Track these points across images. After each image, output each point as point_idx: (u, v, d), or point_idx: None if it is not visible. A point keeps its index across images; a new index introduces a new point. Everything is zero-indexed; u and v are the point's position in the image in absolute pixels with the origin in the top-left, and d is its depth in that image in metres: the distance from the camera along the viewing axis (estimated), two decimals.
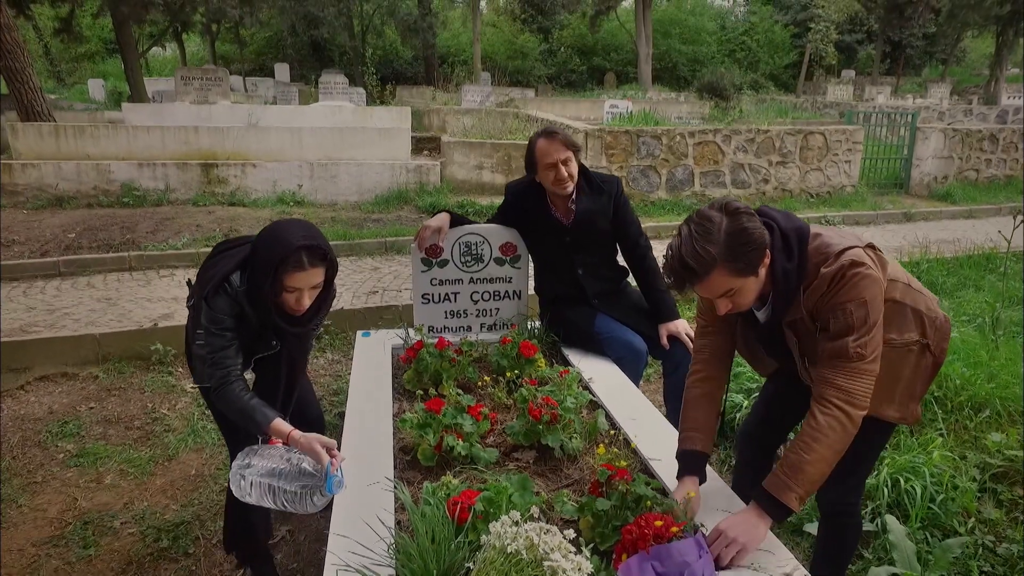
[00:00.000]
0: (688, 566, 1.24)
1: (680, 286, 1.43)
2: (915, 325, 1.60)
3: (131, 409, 3.19)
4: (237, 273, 1.77)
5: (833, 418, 1.42)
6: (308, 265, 1.70)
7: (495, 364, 2.48)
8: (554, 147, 2.49)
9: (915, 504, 2.14)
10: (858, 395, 1.43)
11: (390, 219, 7.36)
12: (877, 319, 1.43)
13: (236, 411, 1.73)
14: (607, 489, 1.52)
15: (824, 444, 1.41)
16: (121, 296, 4.76)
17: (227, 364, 1.75)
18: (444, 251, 2.80)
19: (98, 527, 2.38)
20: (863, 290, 1.41)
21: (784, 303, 1.50)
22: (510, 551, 1.18)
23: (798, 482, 1.42)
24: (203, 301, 1.75)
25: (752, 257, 1.39)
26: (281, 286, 1.71)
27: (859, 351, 1.42)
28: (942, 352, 1.65)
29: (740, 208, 1.40)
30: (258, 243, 1.76)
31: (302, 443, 1.64)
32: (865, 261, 1.43)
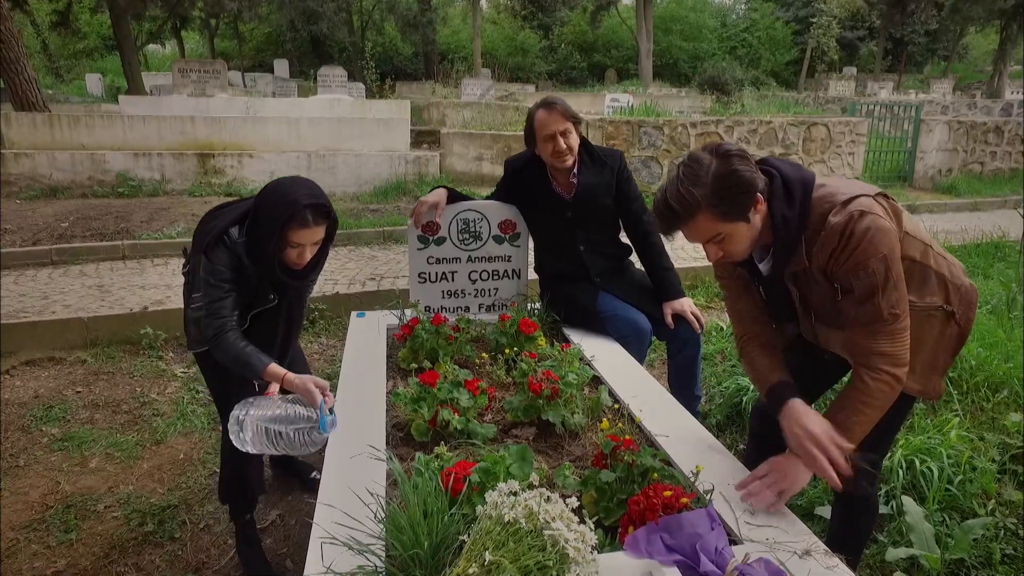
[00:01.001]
0: (700, 537, 1.15)
1: (666, 229, 1.40)
2: (938, 290, 1.50)
3: (119, 393, 3.10)
4: (236, 227, 1.82)
5: (884, 383, 1.38)
6: (312, 223, 1.77)
7: (493, 342, 2.39)
8: (553, 118, 2.39)
9: (932, 486, 2.04)
10: (901, 355, 1.39)
11: (388, 210, 7.27)
12: (898, 271, 1.35)
13: (232, 358, 1.77)
14: (611, 461, 1.43)
15: (875, 407, 1.40)
16: (114, 283, 4.67)
17: (224, 314, 1.79)
18: (441, 228, 2.71)
19: (81, 511, 2.29)
20: (880, 245, 1.32)
21: (785, 253, 1.42)
22: (507, 520, 1.08)
23: (846, 440, 1.39)
24: (202, 254, 1.79)
25: (739, 201, 1.33)
26: (286, 242, 1.78)
27: (893, 311, 1.35)
28: (968, 322, 1.55)
29: (732, 151, 1.34)
30: (263, 200, 1.80)
31: (297, 384, 1.71)
32: (875, 210, 1.34)
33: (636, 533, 1.18)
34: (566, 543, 1.04)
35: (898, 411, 1.62)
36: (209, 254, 1.78)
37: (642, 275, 2.70)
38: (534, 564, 1.03)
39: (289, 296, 1.98)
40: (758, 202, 1.36)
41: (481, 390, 1.87)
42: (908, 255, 1.45)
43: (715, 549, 1.15)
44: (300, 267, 1.86)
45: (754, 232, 1.40)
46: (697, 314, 2.54)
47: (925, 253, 1.48)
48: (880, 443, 1.65)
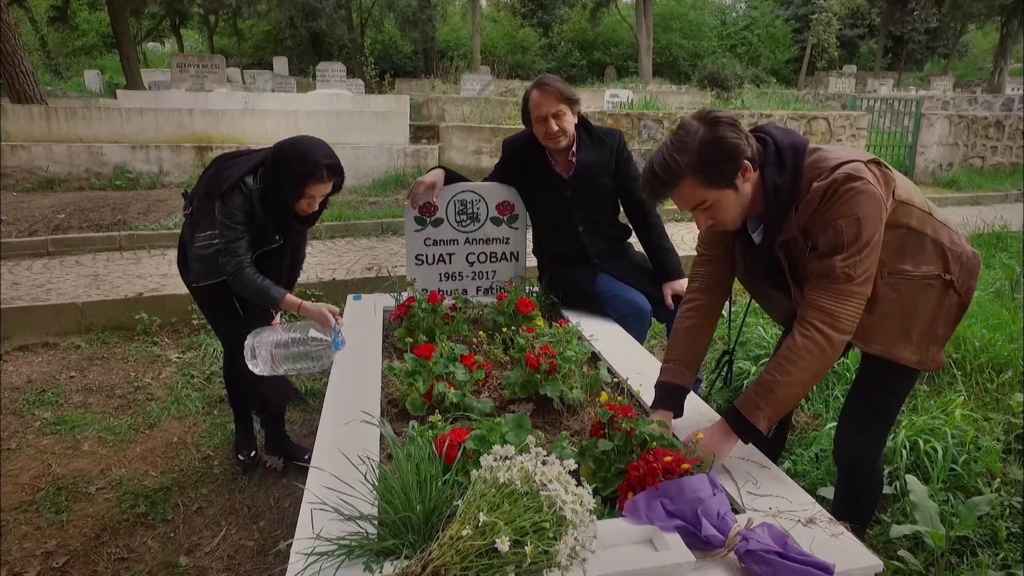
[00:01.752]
0: (701, 502, 1.12)
1: (654, 196, 1.39)
2: (936, 258, 1.45)
3: (113, 378, 3.06)
4: (251, 176, 2.05)
5: (812, 340, 1.33)
6: (327, 179, 2.04)
7: (491, 322, 2.36)
8: (546, 99, 2.35)
9: (936, 466, 2.01)
10: (842, 318, 1.33)
11: (387, 202, 7.23)
12: (871, 238, 1.30)
13: (253, 290, 2.05)
14: (609, 430, 1.39)
15: (800, 367, 1.33)
16: (110, 273, 4.63)
17: (240, 253, 2.04)
18: (439, 210, 2.68)
19: (72, 492, 2.26)
20: (857, 206, 1.28)
21: (777, 221, 1.39)
22: (502, 481, 1.05)
23: (768, 403, 1.35)
24: (219, 199, 2.02)
25: (725, 168, 1.32)
26: (301, 194, 2.04)
27: (846, 271, 1.30)
28: (969, 291, 1.50)
29: (721, 118, 1.32)
30: (283, 156, 2.05)
31: (312, 310, 2.06)
32: (863, 176, 1.31)
33: (636, 498, 1.15)
34: (563, 504, 1.01)
35: (900, 385, 1.58)
36: (226, 199, 2.01)
37: (641, 257, 2.67)
38: (530, 525, 1.00)
39: (292, 238, 2.23)
40: (746, 170, 1.34)
41: (478, 364, 1.83)
42: (903, 223, 1.41)
43: (717, 514, 1.11)
44: (307, 214, 2.14)
45: (743, 200, 1.38)
46: None
47: (923, 221, 1.44)
48: (881, 416, 1.61)
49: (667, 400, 1.55)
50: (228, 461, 2.47)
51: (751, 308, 2.30)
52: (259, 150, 2.18)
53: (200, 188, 2.19)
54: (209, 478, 2.37)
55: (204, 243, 2.15)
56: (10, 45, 8.48)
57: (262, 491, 2.32)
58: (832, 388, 2.59)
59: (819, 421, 2.49)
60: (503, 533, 0.98)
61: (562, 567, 0.98)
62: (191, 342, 3.44)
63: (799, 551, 1.05)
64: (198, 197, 2.19)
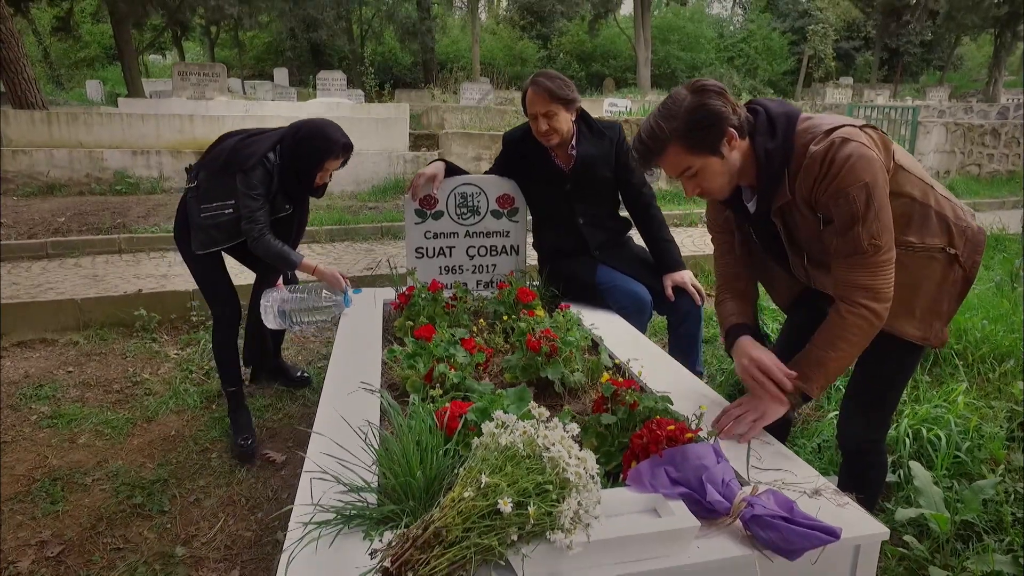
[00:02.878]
0: (706, 469, 1.10)
1: (643, 163, 1.43)
2: (940, 231, 1.44)
3: (111, 373, 3.04)
4: (272, 152, 2.33)
5: (861, 317, 1.34)
6: (342, 155, 2.37)
7: (491, 312, 2.35)
8: (538, 99, 2.34)
9: (939, 453, 1.99)
10: (882, 289, 1.34)
11: (387, 207, 7.25)
12: (882, 202, 1.31)
13: (275, 253, 2.35)
14: (612, 405, 1.38)
15: (851, 342, 1.36)
16: (108, 273, 4.63)
17: (262, 220, 2.32)
18: (439, 202, 2.68)
19: (68, 483, 2.24)
20: (861, 171, 1.28)
21: (770, 187, 1.40)
22: (504, 444, 1.04)
23: (821, 375, 1.38)
24: (242, 172, 2.27)
25: (709, 134, 1.33)
26: (320, 167, 2.36)
27: (874, 242, 1.31)
28: (974, 266, 1.49)
29: (709, 87, 1.34)
30: (305, 135, 2.34)
31: (326, 272, 2.42)
32: (858, 138, 1.31)
33: (639, 466, 1.14)
34: (566, 466, 1.00)
35: (903, 362, 1.57)
36: (249, 173, 2.27)
37: (642, 250, 2.67)
38: (533, 487, 0.99)
39: (299, 207, 2.57)
40: (731, 137, 1.35)
41: (478, 348, 1.82)
42: (907, 193, 1.41)
43: (722, 481, 1.10)
44: (319, 186, 2.46)
45: (730, 168, 1.39)
46: (698, 287, 2.50)
47: (925, 193, 1.44)
48: (885, 396, 1.60)
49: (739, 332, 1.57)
50: (226, 454, 2.45)
51: None
52: (270, 129, 2.46)
53: (215, 163, 2.36)
54: (207, 470, 2.35)
55: (212, 213, 2.34)
56: (13, 53, 8.54)
57: (260, 482, 2.30)
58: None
59: (821, 412, 2.48)
60: (505, 494, 0.97)
61: (565, 529, 0.96)
62: (190, 338, 3.42)
63: (805, 515, 1.04)
64: (207, 170, 2.37)
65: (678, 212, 7.21)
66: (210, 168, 2.37)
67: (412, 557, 0.93)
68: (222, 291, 2.50)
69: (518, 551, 0.96)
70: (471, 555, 0.93)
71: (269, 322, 2.33)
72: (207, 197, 2.35)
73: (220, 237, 2.37)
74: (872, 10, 23.74)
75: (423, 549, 0.93)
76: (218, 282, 2.50)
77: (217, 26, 21.41)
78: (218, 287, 2.50)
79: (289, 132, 2.37)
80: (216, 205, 2.34)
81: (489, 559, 0.95)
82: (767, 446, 1.39)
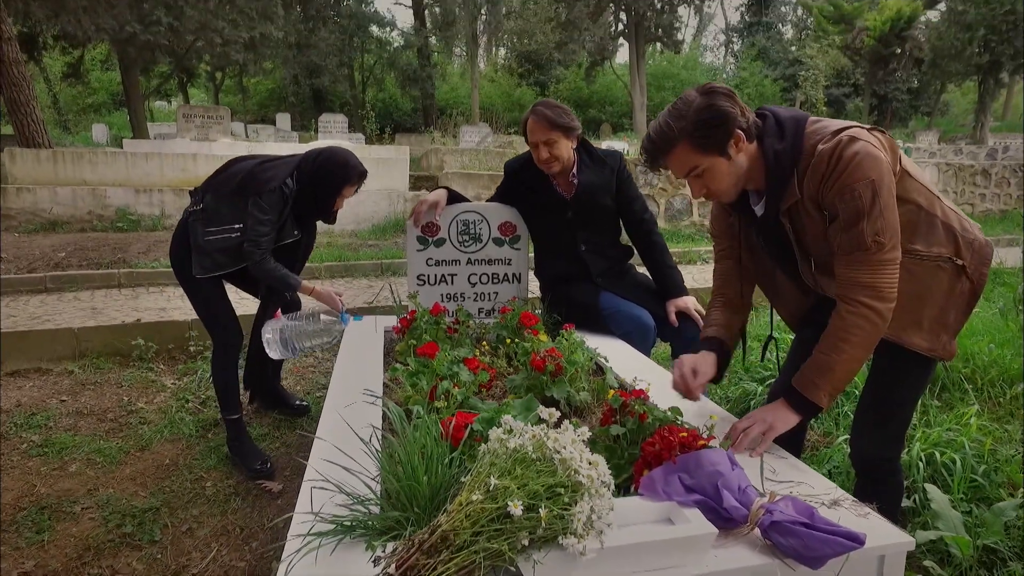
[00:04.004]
0: (721, 475, 1.07)
1: (651, 163, 1.45)
2: (947, 241, 1.44)
3: (105, 402, 2.98)
4: (290, 179, 2.36)
5: (861, 316, 1.33)
6: (358, 182, 2.49)
7: (495, 336, 2.33)
8: (538, 127, 2.38)
9: (955, 476, 1.94)
10: (884, 288, 1.33)
11: (387, 245, 7.28)
12: (888, 200, 1.31)
13: (276, 277, 2.38)
14: (621, 417, 1.35)
15: (853, 343, 1.33)
16: (107, 306, 4.59)
17: (266, 246, 2.33)
18: (441, 229, 2.68)
19: (56, 512, 2.16)
20: (868, 169, 1.29)
21: (779, 188, 1.40)
22: (513, 447, 1.01)
23: (827, 381, 1.35)
24: (256, 196, 2.28)
25: (716, 134, 1.35)
26: (339, 193, 2.44)
27: (878, 239, 1.30)
28: (981, 278, 1.48)
29: (718, 89, 1.37)
30: (325, 163, 2.41)
31: (323, 294, 2.48)
32: (866, 138, 1.33)
33: (652, 474, 1.10)
34: (579, 467, 0.96)
35: (912, 376, 1.53)
36: (264, 197, 2.28)
37: (644, 277, 2.66)
38: (544, 490, 0.95)
39: (306, 233, 2.60)
40: (738, 139, 1.37)
41: (482, 367, 1.79)
42: (912, 199, 1.42)
43: (738, 488, 1.06)
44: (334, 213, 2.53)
45: (737, 171, 1.41)
46: (702, 312, 2.48)
47: (931, 202, 1.44)
48: (896, 412, 1.56)
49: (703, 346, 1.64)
50: (222, 483, 2.38)
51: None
52: (285, 156, 2.50)
53: (225, 186, 2.35)
54: (201, 499, 2.28)
55: (218, 236, 2.32)
56: (24, 95, 8.72)
57: (256, 512, 2.22)
58: (842, 406, 2.54)
59: (830, 438, 2.43)
60: (515, 497, 0.93)
61: (578, 534, 0.92)
62: (188, 368, 3.37)
63: (827, 521, 1.00)
64: (215, 193, 2.35)
65: (677, 250, 7.25)
66: (219, 191, 2.34)
67: (418, 562, 0.88)
68: (223, 317, 2.45)
69: (529, 557, 0.92)
70: (480, 560, 0.89)
71: (273, 353, 2.30)
72: (214, 220, 2.31)
73: (225, 261, 2.33)
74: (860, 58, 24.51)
75: (430, 554, 0.89)
76: (219, 308, 2.45)
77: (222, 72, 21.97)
78: (219, 313, 2.45)
79: (308, 158, 2.42)
80: (223, 228, 2.31)
81: (499, 565, 0.91)
82: (781, 460, 1.36)
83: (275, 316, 2.48)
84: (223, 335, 2.46)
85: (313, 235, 2.70)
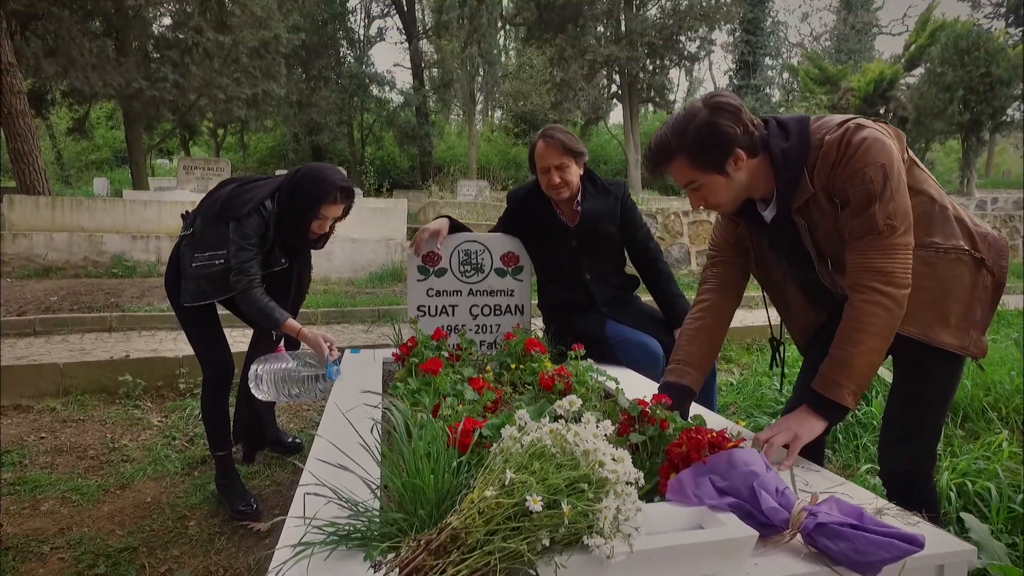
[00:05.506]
0: (757, 476, 0.97)
1: (651, 171, 1.44)
2: (962, 234, 1.40)
3: (86, 440, 2.83)
4: (270, 200, 2.17)
5: (874, 303, 1.27)
6: (341, 200, 2.19)
7: (499, 364, 2.23)
8: (549, 151, 2.38)
9: (992, 505, 1.82)
10: (897, 273, 1.27)
11: (384, 293, 7.22)
12: (898, 184, 1.28)
13: (258, 310, 2.11)
14: (640, 425, 1.25)
15: (870, 333, 1.26)
16: (96, 348, 4.47)
17: (252, 273, 2.12)
18: (442, 259, 2.63)
19: (21, 552, 2.00)
20: (877, 154, 1.27)
21: (789, 185, 1.37)
22: (530, 439, 0.91)
23: (848, 377, 1.27)
24: (235, 220, 2.10)
25: (712, 154, 1.35)
26: (315, 215, 2.16)
27: (889, 222, 1.26)
28: (1002, 271, 1.42)
29: (723, 105, 1.35)
30: (301, 180, 2.17)
31: (309, 337, 2.10)
32: (872, 125, 1.32)
33: (680, 476, 1.00)
34: (603, 459, 0.87)
35: (940, 377, 1.44)
36: (243, 221, 2.10)
37: (650, 307, 2.60)
38: (565, 484, 0.85)
39: (298, 262, 2.40)
40: (738, 158, 1.35)
41: (487, 387, 1.70)
42: (925, 191, 1.39)
43: (776, 490, 0.96)
44: (318, 236, 2.28)
45: (735, 187, 1.40)
46: None
47: (942, 195, 1.42)
48: (924, 419, 1.45)
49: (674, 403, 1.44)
50: (206, 521, 2.22)
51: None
52: (270, 177, 2.33)
53: (211, 209, 2.21)
54: (183, 539, 2.12)
55: (203, 263, 2.18)
56: (28, 146, 8.86)
57: (241, 552, 2.07)
58: (860, 438, 2.43)
59: (850, 471, 2.30)
60: (534, 491, 0.83)
61: (605, 535, 0.82)
62: (176, 405, 3.23)
63: (878, 522, 0.90)
64: (203, 216, 2.22)
65: None
66: (207, 215, 2.21)
67: (425, 563, 0.78)
68: (213, 347, 2.31)
69: (550, 560, 0.81)
70: (495, 562, 0.78)
71: (259, 393, 2.04)
72: (201, 246, 2.19)
73: (210, 289, 2.19)
74: None
75: (438, 554, 0.79)
76: (209, 337, 2.30)
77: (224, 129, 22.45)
78: (209, 343, 2.30)
79: (287, 177, 2.23)
80: (208, 255, 2.18)
81: (516, 568, 0.80)
82: (812, 472, 1.26)
83: (277, 350, 2.31)
84: (213, 366, 2.31)
85: (307, 266, 2.53)
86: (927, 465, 1.49)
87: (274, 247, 2.22)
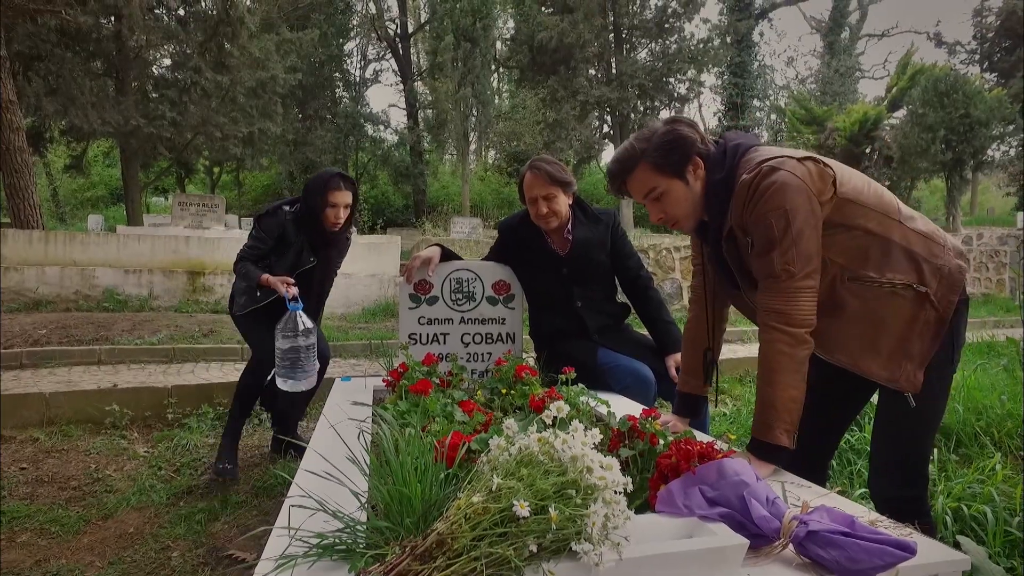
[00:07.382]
0: (747, 485, 0.96)
1: (614, 184, 1.51)
2: (907, 268, 1.37)
3: (69, 470, 2.77)
4: (288, 206, 2.66)
5: (778, 341, 1.32)
6: (343, 186, 2.65)
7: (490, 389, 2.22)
8: (537, 182, 2.41)
9: (988, 528, 1.80)
10: (795, 314, 1.32)
11: (376, 328, 7.20)
12: (802, 229, 1.30)
13: (242, 275, 2.59)
14: (630, 439, 1.25)
15: (781, 371, 1.31)
16: (83, 381, 4.41)
17: (249, 257, 2.60)
18: (434, 287, 2.64)
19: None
20: (781, 199, 1.30)
21: (716, 216, 1.44)
22: (517, 447, 0.91)
23: (776, 417, 1.30)
24: (256, 219, 2.60)
25: (674, 157, 1.42)
26: (326, 202, 2.60)
27: (787, 267, 1.31)
28: (948, 305, 1.38)
29: (681, 119, 1.46)
30: (307, 183, 2.65)
31: (271, 280, 2.52)
32: (786, 167, 1.32)
33: (670, 486, 1.00)
34: (590, 466, 0.86)
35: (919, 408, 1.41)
36: (261, 220, 2.62)
37: (642, 335, 2.61)
38: (553, 490, 0.85)
39: (323, 261, 2.76)
40: (696, 165, 1.43)
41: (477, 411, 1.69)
42: (859, 226, 1.37)
43: (767, 499, 0.96)
44: (337, 226, 2.68)
45: (694, 197, 1.46)
46: None
47: (886, 227, 1.38)
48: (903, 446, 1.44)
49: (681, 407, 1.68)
50: (190, 552, 2.16)
51: None
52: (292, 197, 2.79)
53: None
54: (165, 570, 2.06)
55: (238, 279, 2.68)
56: (23, 181, 8.90)
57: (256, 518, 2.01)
58: (855, 463, 2.41)
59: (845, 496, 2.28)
60: (521, 497, 0.82)
61: (594, 541, 0.81)
62: (164, 435, 3.18)
63: (870, 529, 0.89)
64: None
65: None
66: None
67: (410, 568, 0.76)
68: (265, 338, 2.56)
69: (538, 567, 0.80)
70: (481, 567, 0.77)
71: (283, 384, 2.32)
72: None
73: (245, 301, 2.65)
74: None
75: (423, 559, 0.77)
76: (260, 333, 2.64)
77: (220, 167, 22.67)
78: (262, 335, 2.60)
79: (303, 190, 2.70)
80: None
81: (503, 574, 0.79)
82: (804, 489, 1.25)
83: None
84: (262, 351, 2.68)
85: (328, 268, 2.86)
86: (917, 489, 1.48)
87: (303, 248, 2.66)
